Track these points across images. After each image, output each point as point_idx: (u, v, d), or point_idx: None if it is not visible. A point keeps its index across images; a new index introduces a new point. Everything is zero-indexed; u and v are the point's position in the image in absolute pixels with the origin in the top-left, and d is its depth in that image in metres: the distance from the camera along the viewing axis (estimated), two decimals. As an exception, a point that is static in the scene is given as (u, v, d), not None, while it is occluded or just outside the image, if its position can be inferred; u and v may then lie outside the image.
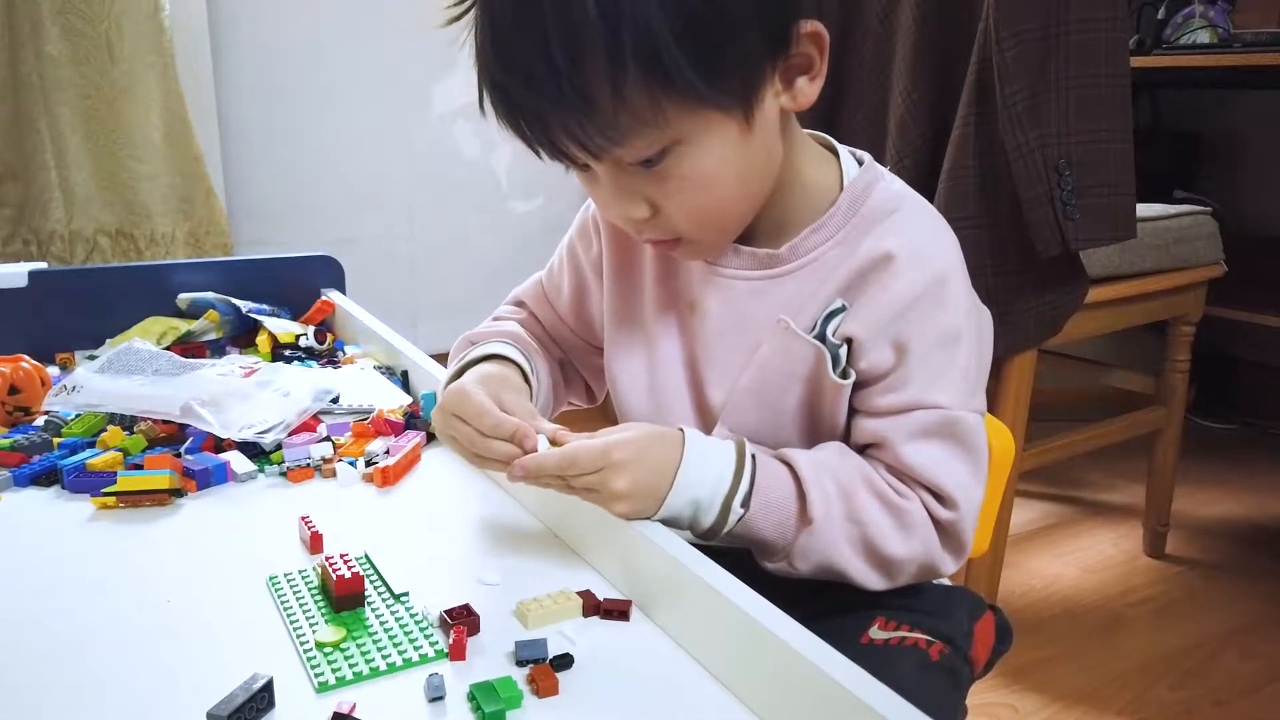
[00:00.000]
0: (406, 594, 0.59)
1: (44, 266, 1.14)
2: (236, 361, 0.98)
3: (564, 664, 0.52)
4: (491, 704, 0.48)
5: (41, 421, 0.88)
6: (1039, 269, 1.25)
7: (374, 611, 0.58)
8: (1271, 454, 2.27)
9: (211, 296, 1.16)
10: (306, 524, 0.68)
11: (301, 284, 1.25)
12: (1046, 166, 1.18)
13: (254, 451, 0.82)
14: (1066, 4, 1.16)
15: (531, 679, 0.51)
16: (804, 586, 0.63)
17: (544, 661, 0.52)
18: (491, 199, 2.42)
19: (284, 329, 1.11)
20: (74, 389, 0.85)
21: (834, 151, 0.70)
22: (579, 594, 0.59)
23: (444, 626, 0.55)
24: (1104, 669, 1.43)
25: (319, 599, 0.59)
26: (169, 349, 1.04)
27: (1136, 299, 1.49)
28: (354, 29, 2.16)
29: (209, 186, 1.90)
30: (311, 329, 1.13)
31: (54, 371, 1.03)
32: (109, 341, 1.10)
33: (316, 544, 0.67)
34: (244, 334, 1.16)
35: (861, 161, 0.69)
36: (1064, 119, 1.18)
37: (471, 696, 0.49)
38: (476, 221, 2.40)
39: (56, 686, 0.51)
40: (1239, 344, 2.37)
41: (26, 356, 0.92)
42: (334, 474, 0.80)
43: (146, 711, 0.49)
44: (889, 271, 0.63)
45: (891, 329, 0.63)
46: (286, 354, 1.09)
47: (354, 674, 0.51)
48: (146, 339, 1.04)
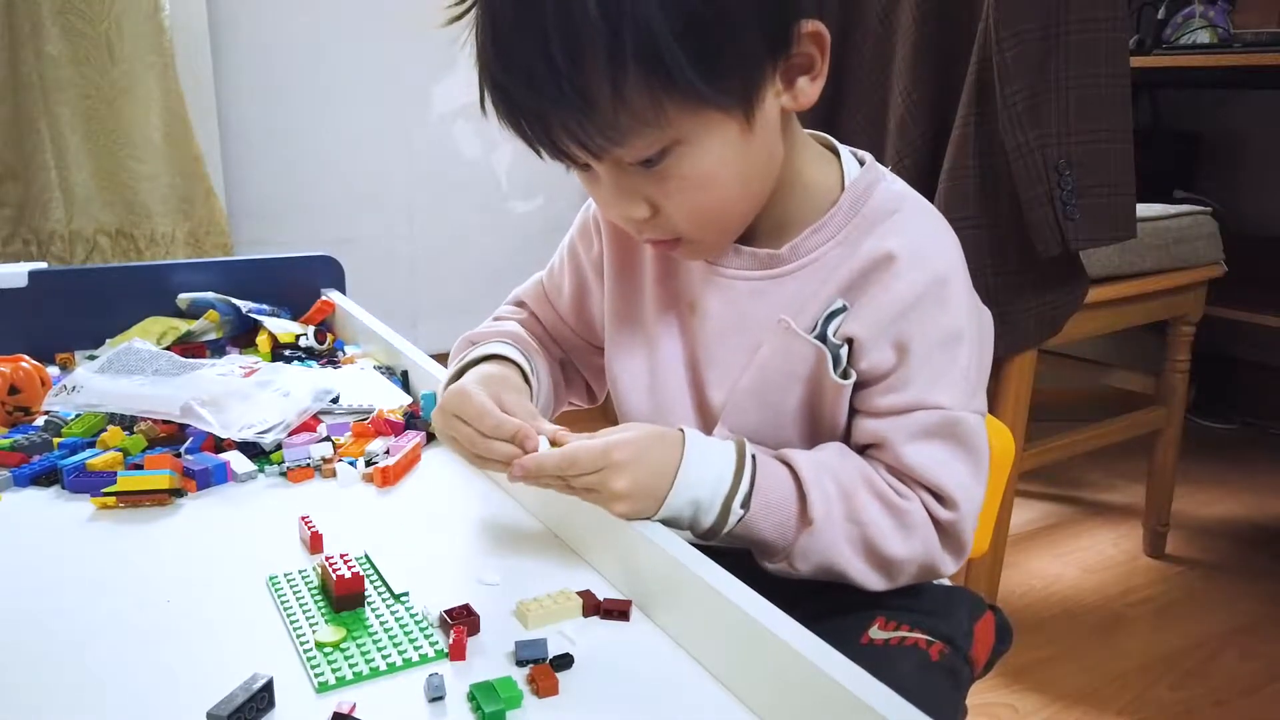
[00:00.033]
0: (406, 594, 0.59)
1: (44, 266, 1.14)
2: (236, 361, 0.98)
3: (564, 664, 0.52)
4: (491, 704, 0.48)
5: (41, 421, 0.88)
6: (1039, 269, 1.25)
7: (374, 611, 0.58)
8: (1271, 454, 2.27)
9: (211, 296, 1.16)
10: (306, 524, 0.68)
11: (301, 284, 1.25)
12: (1046, 166, 1.18)
13: (254, 451, 0.82)
14: (1066, 4, 1.16)
15: (531, 679, 0.51)
16: (804, 587, 0.63)
17: (544, 661, 0.52)
18: (491, 199, 2.42)
19: (284, 329, 1.11)
20: (74, 389, 0.85)
21: (835, 152, 0.70)
22: (579, 594, 0.59)
23: (444, 626, 0.55)
24: (1104, 669, 1.43)
25: (319, 599, 0.59)
26: (169, 349, 1.04)
27: (1136, 299, 1.49)
28: (354, 29, 2.16)
29: (209, 186, 1.90)
30: (311, 329, 1.13)
31: (54, 371, 1.03)
32: (109, 341, 1.10)
33: (316, 544, 0.67)
34: (244, 334, 1.16)
35: (863, 162, 0.69)
36: (1064, 119, 1.18)
37: (471, 696, 0.49)
38: (476, 221, 2.40)
39: (56, 686, 0.51)
40: (1239, 344, 2.37)
41: (26, 356, 0.92)
42: (334, 474, 0.80)
43: (146, 711, 0.49)
44: (890, 272, 0.63)
45: (892, 329, 0.63)
46: (286, 354, 1.09)
47: (354, 674, 0.51)
48: (146, 339, 1.04)
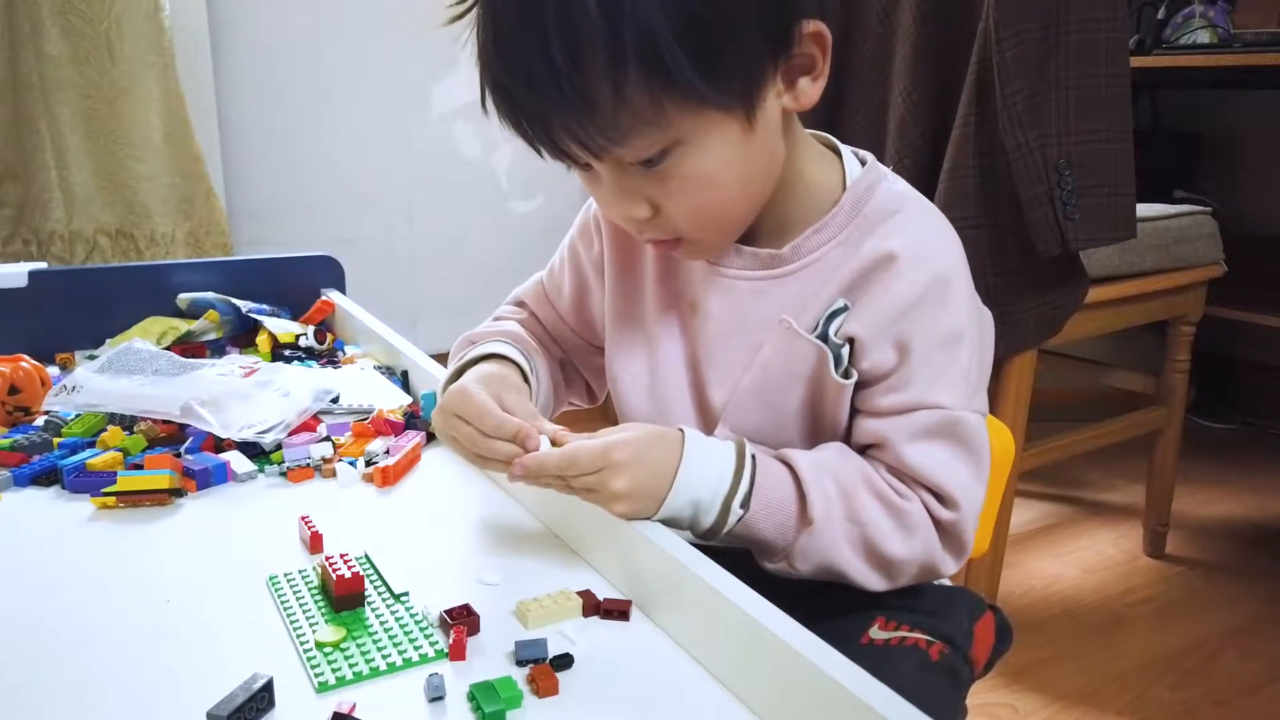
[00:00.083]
0: (406, 594, 0.59)
1: (44, 266, 1.14)
2: (236, 361, 0.98)
3: (564, 664, 0.52)
4: (491, 704, 0.48)
5: (41, 421, 0.88)
6: (1039, 269, 1.25)
7: (374, 611, 0.58)
8: (1271, 454, 2.27)
9: (211, 296, 1.16)
10: (306, 524, 0.68)
11: (301, 284, 1.25)
12: (1046, 166, 1.18)
13: (254, 451, 0.82)
14: (1066, 4, 1.16)
15: (531, 679, 0.51)
16: (804, 586, 0.63)
17: (544, 661, 0.52)
18: (491, 199, 2.42)
19: (284, 329, 1.11)
20: (74, 389, 0.85)
21: (837, 151, 0.70)
22: (579, 594, 0.59)
23: (444, 626, 0.55)
24: (1104, 669, 1.43)
25: (319, 599, 0.59)
26: (169, 349, 1.04)
27: (1136, 299, 1.49)
28: (354, 29, 2.16)
29: (209, 186, 1.90)
30: (311, 329, 1.12)
31: (54, 371, 1.03)
32: (109, 341, 1.10)
33: (316, 544, 0.67)
34: (244, 334, 1.16)
35: (864, 161, 0.69)
36: (1064, 119, 1.18)
37: (471, 696, 0.49)
38: (476, 221, 2.40)
39: (56, 686, 0.51)
40: (1239, 344, 2.37)
41: (26, 356, 0.92)
42: (334, 474, 0.80)
43: (146, 711, 0.49)
44: (891, 271, 0.63)
45: (894, 329, 0.63)
46: (286, 354, 1.09)
47: (354, 674, 0.51)
48: (146, 339, 1.04)
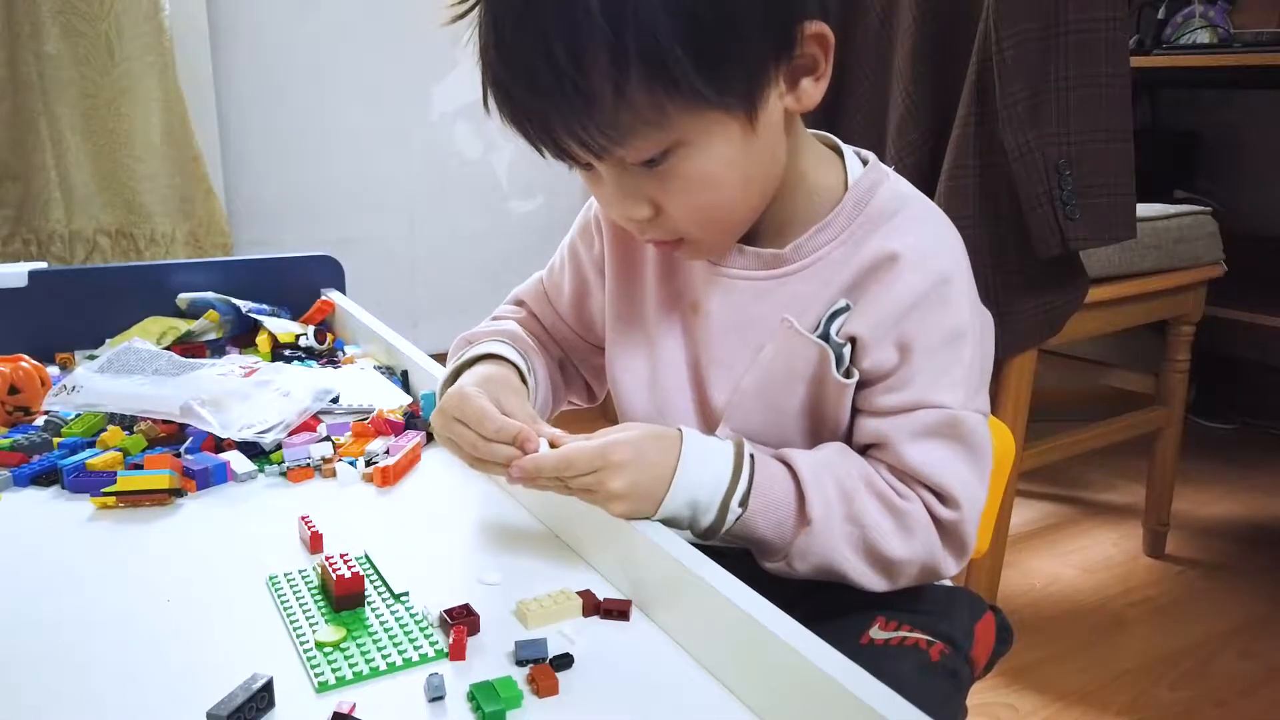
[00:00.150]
0: (406, 594, 0.59)
1: (44, 266, 1.14)
2: (236, 361, 0.98)
3: (564, 664, 0.52)
4: (491, 704, 0.48)
5: (41, 421, 0.88)
6: (1039, 269, 1.25)
7: (374, 611, 0.58)
8: (1271, 454, 2.27)
9: (211, 296, 1.16)
10: (306, 524, 0.68)
11: (301, 284, 1.25)
12: (1046, 166, 1.18)
13: (254, 451, 0.82)
14: (1066, 4, 1.16)
15: (531, 679, 0.51)
16: (804, 586, 0.63)
17: (544, 661, 0.52)
18: (491, 199, 2.42)
19: (284, 329, 1.11)
20: (74, 389, 0.85)
21: (839, 151, 0.70)
22: (579, 594, 0.58)
23: (444, 626, 0.55)
24: (1104, 669, 1.43)
25: (319, 599, 0.59)
26: (169, 349, 1.04)
27: (1136, 299, 1.49)
28: (354, 29, 2.16)
29: (209, 186, 1.90)
30: (311, 329, 1.13)
31: (54, 371, 1.03)
32: (109, 341, 1.10)
33: (316, 544, 0.67)
34: (244, 334, 1.16)
35: (866, 161, 0.69)
36: (1064, 119, 1.18)
37: (471, 696, 0.49)
38: (476, 221, 2.40)
39: (56, 686, 0.51)
40: (1239, 344, 2.37)
41: (26, 356, 0.92)
42: (334, 474, 0.80)
43: (146, 711, 0.49)
44: (893, 271, 0.63)
45: (895, 329, 0.63)
46: (286, 354, 1.09)
47: (354, 674, 0.51)
48: (146, 339, 1.04)
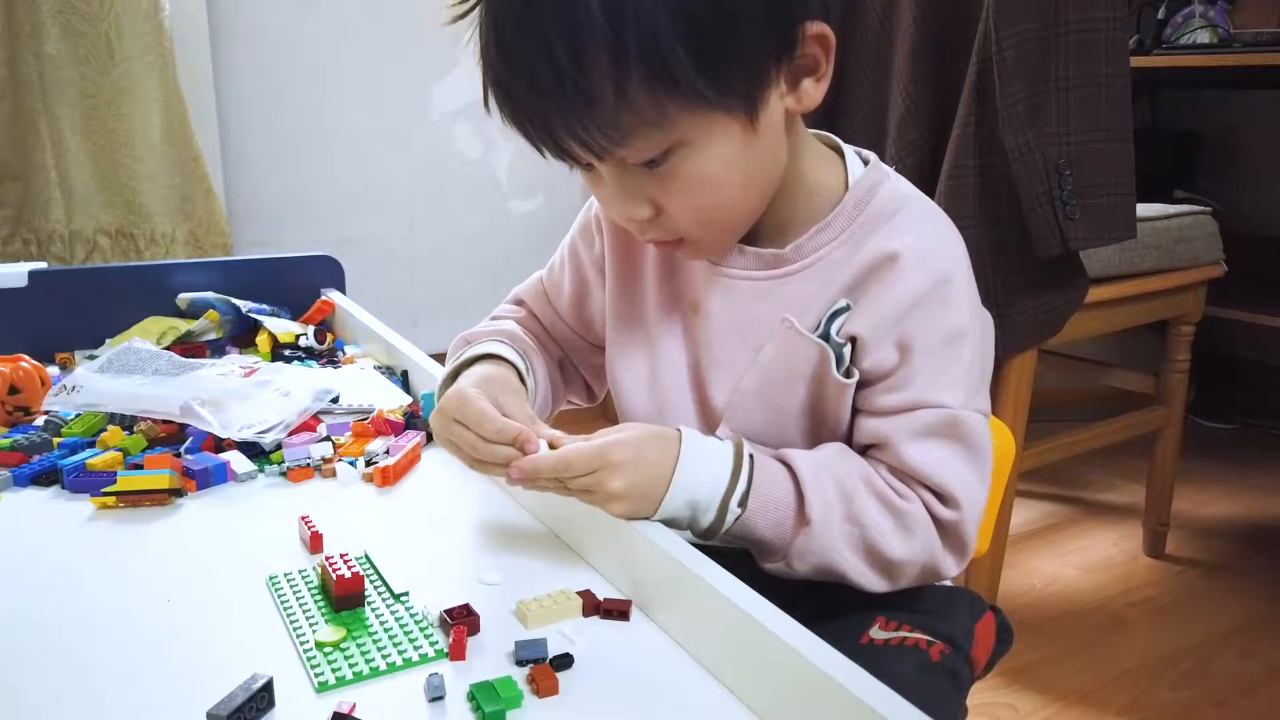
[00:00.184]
0: (406, 594, 0.59)
1: (44, 266, 1.14)
2: (236, 361, 0.98)
3: (564, 664, 0.52)
4: (491, 704, 0.48)
5: (41, 421, 0.88)
6: (1039, 269, 1.25)
7: (374, 611, 0.58)
8: (1271, 454, 2.27)
9: (211, 296, 1.16)
10: (306, 524, 0.68)
11: (301, 284, 1.25)
12: (1046, 166, 1.18)
13: (254, 451, 0.82)
14: (1066, 4, 1.16)
15: (531, 679, 0.51)
16: (804, 586, 0.63)
17: (544, 661, 0.52)
18: (491, 199, 2.42)
19: (284, 329, 1.11)
20: (74, 389, 0.85)
21: (839, 151, 0.70)
22: (579, 594, 0.58)
23: (444, 626, 0.55)
24: (1104, 669, 1.43)
25: (319, 599, 0.59)
26: (169, 349, 1.04)
27: (1136, 299, 1.49)
28: (354, 29, 2.16)
29: (209, 186, 1.90)
30: (311, 329, 1.13)
31: (54, 371, 1.03)
32: (109, 341, 1.10)
33: (316, 544, 0.67)
34: (244, 334, 1.16)
35: (867, 161, 0.69)
36: (1064, 119, 1.18)
37: (471, 696, 0.49)
38: (476, 221, 2.40)
39: (56, 686, 0.51)
40: (1239, 344, 2.37)
41: (26, 356, 0.92)
42: (334, 474, 0.80)
43: (146, 711, 0.49)
44: (893, 271, 0.63)
45: (896, 328, 0.63)
46: (286, 354, 1.09)
47: (354, 674, 0.51)
48: (146, 339, 1.04)
